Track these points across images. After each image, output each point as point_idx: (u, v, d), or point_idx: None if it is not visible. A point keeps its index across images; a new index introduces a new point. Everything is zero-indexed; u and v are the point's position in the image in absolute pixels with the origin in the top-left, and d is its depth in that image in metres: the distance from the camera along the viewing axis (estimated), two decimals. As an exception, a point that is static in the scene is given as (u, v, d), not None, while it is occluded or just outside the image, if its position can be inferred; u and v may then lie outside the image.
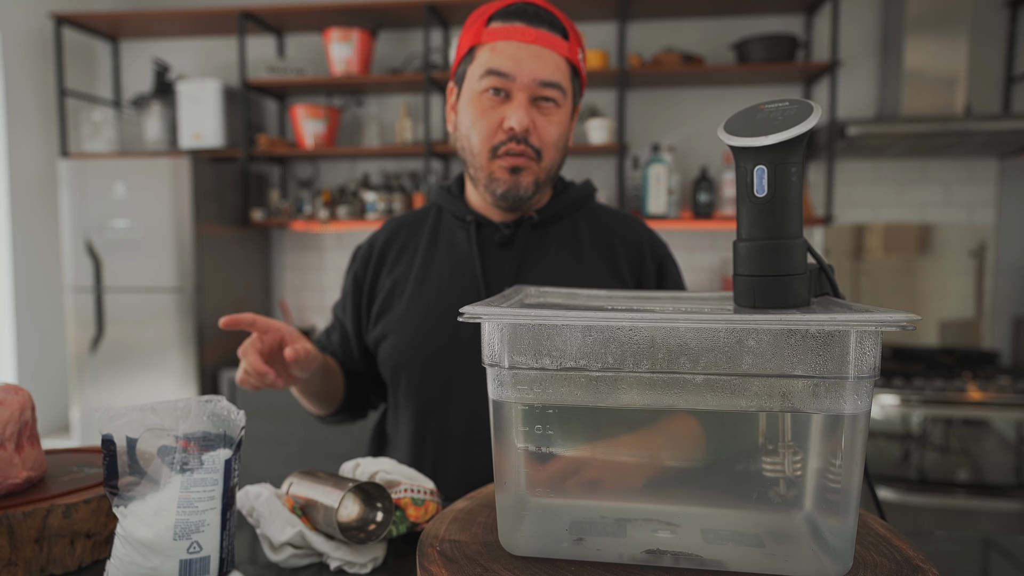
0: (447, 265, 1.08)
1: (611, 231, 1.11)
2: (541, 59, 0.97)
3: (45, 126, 3.25)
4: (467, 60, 1.01)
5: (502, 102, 0.98)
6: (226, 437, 0.67)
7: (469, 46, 1.00)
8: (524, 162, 1.00)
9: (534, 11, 0.98)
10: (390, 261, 1.13)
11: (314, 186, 3.44)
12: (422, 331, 1.05)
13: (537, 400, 0.55)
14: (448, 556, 0.58)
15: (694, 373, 0.53)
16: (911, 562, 0.56)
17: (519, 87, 0.97)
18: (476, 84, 0.99)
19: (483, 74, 0.98)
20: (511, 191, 1.02)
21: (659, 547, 0.57)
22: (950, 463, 2.60)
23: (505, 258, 1.07)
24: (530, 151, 1.00)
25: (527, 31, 0.97)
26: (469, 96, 1.01)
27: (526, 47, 0.96)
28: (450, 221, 1.12)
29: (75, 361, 3.01)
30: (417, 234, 1.14)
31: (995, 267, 3.01)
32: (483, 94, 0.99)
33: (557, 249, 1.07)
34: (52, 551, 0.70)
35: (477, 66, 0.99)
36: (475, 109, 1.00)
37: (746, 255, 0.60)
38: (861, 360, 0.50)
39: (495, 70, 0.97)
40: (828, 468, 0.54)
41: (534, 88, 0.97)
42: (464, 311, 0.54)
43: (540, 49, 0.97)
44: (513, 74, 0.96)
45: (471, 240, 1.07)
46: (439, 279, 1.08)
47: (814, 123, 0.58)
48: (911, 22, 2.76)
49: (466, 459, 1.04)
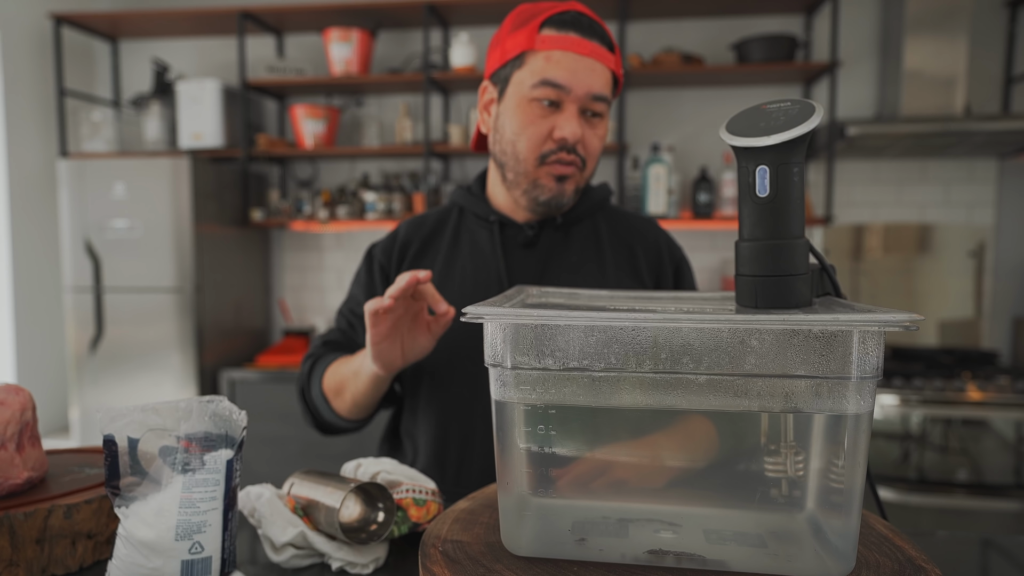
0: (470, 265, 1.08)
1: (630, 233, 1.13)
2: (594, 73, 0.98)
3: (44, 126, 3.24)
4: (515, 63, 1.00)
5: (552, 112, 0.99)
6: (228, 437, 0.67)
7: (520, 50, 0.99)
8: (572, 171, 1.02)
9: (588, 23, 0.99)
10: (411, 258, 1.12)
11: (314, 186, 3.44)
12: (448, 332, 1.03)
13: (540, 400, 0.55)
14: (451, 556, 0.58)
15: (697, 373, 0.53)
16: (913, 562, 0.56)
17: (572, 99, 0.98)
18: (527, 91, 0.99)
19: (538, 83, 0.97)
20: (555, 199, 1.04)
21: (661, 547, 0.57)
22: (949, 463, 2.60)
23: (529, 259, 1.08)
24: (578, 161, 1.02)
25: (583, 43, 0.97)
26: (517, 101, 1.00)
27: (581, 60, 0.97)
28: (472, 221, 1.13)
29: (74, 361, 3.00)
30: (439, 234, 1.14)
31: (994, 267, 3.02)
32: (534, 102, 0.99)
33: (580, 251, 1.09)
34: (53, 552, 0.70)
35: (529, 73, 0.98)
36: (524, 116, 0.99)
37: (748, 255, 0.60)
38: (864, 360, 0.50)
39: (552, 81, 0.97)
40: (831, 468, 0.54)
41: (586, 101, 0.99)
42: (467, 311, 0.54)
43: (593, 63, 0.98)
44: (569, 86, 0.97)
45: (495, 240, 1.08)
46: (461, 278, 1.08)
47: (816, 123, 0.58)
48: (910, 22, 2.76)
49: (488, 460, 1.03)
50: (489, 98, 1.06)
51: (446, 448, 1.06)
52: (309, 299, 3.50)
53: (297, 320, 3.49)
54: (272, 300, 3.53)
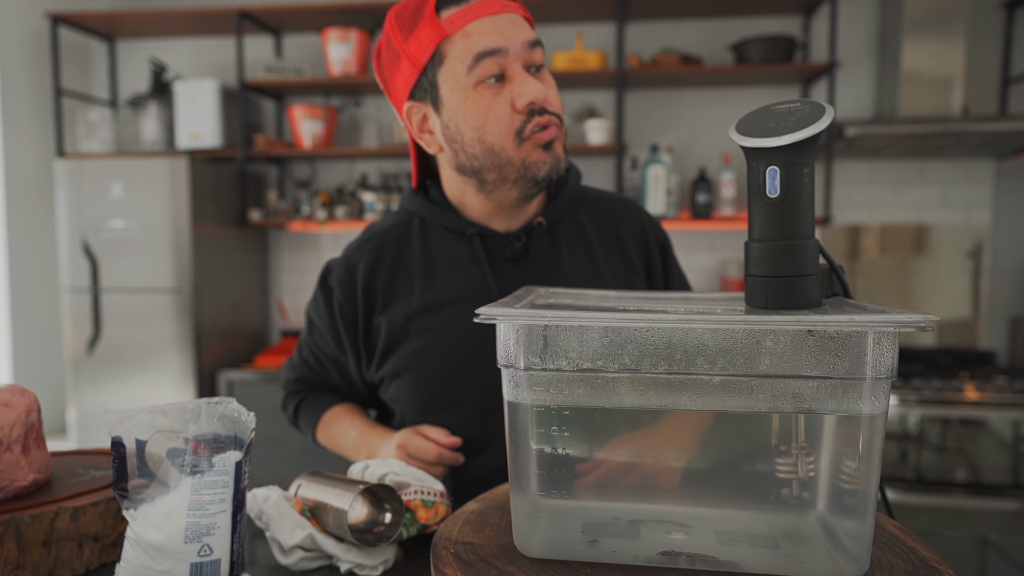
0: (454, 288, 0.98)
1: (614, 220, 1.06)
2: (516, 24, 0.88)
3: (41, 126, 3.23)
4: (434, 63, 0.89)
5: (501, 86, 0.89)
6: (236, 439, 0.67)
7: (432, 46, 0.87)
8: (554, 132, 0.91)
9: None
10: (381, 292, 1.00)
11: (312, 186, 3.43)
12: (445, 366, 0.97)
13: (553, 402, 0.55)
14: (463, 558, 0.57)
15: (711, 374, 0.52)
16: (927, 563, 0.56)
17: (512, 59, 0.88)
18: (465, 79, 0.87)
19: (472, 64, 0.86)
20: (553, 167, 0.93)
21: (674, 548, 0.57)
22: (947, 463, 2.61)
23: (521, 273, 0.98)
24: (554, 119, 0.91)
25: (488, 3, 0.87)
26: (462, 96, 0.89)
27: (498, 18, 0.87)
28: (441, 234, 1.01)
29: (72, 362, 2.99)
30: (406, 255, 1.01)
31: (992, 267, 3.03)
32: (480, 86, 0.88)
33: (571, 255, 1.01)
34: (60, 554, 0.69)
35: (457, 60, 0.87)
36: (476, 106, 0.88)
37: (758, 256, 0.59)
38: (879, 361, 0.50)
39: (485, 51, 0.86)
40: (845, 470, 0.54)
41: (525, 54, 0.89)
42: (480, 312, 0.54)
43: (510, 16, 0.88)
44: (503, 47, 0.86)
45: (480, 257, 0.98)
46: (450, 306, 0.97)
47: (827, 123, 0.58)
48: (909, 23, 2.77)
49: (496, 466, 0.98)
50: (421, 116, 0.94)
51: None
52: (307, 300, 3.49)
53: (295, 321, 3.49)
54: (270, 301, 3.53)
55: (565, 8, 2.98)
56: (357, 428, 1.04)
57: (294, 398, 1.15)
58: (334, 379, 1.10)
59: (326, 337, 1.06)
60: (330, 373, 1.10)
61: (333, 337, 1.05)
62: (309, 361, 1.11)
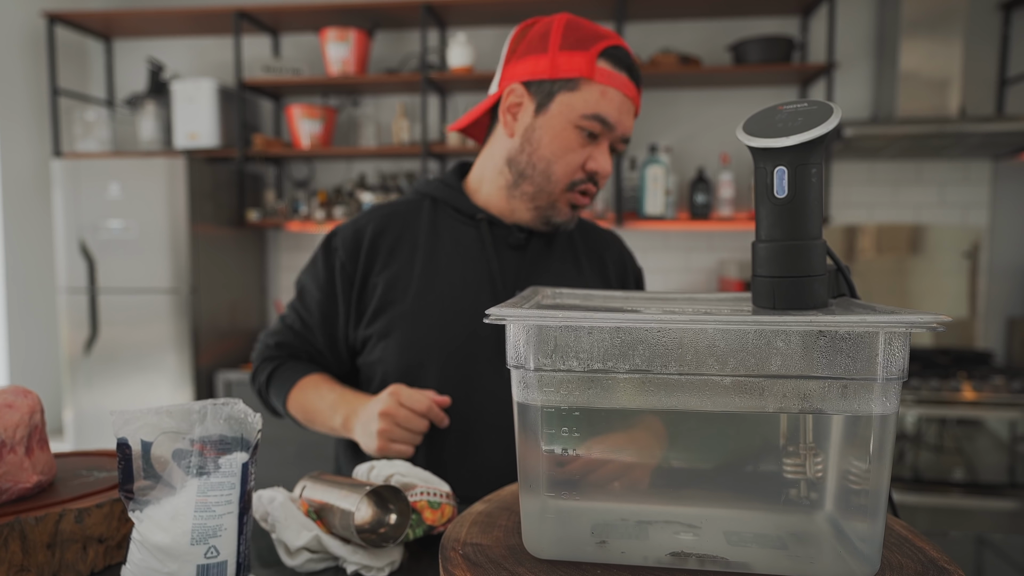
0: (456, 262, 1.07)
1: (600, 245, 1.19)
2: (631, 116, 1.04)
3: (37, 126, 3.22)
4: (566, 84, 1.00)
5: (589, 142, 1.02)
6: (243, 440, 0.66)
7: (577, 74, 0.99)
8: (588, 202, 1.07)
9: (634, 65, 1.03)
10: (384, 254, 1.08)
11: (310, 186, 3.42)
12: (437, 329, 1.03)
13: (563, 402, 0.55)
14: (472, 560, 0.57)
15: (722, 375, 0.52)
16: (936, 563, 0.56)
17: (610, 136, 1.02)
18: (576, 118, 1.00)
19: (591, 115, 0.99)
20: (566, 223, 1.08)
21: (683, 549, 0.57)
22: (945, 463, 2.62)
23: (518, 261, 1.09)
24: (595, 192, 1.06)
25: (630, 86, 1.02)
26: (561, 124, 1.00)
27: (627, 102, 1.02)
28: (450, 216, 1.11)
29: (68, 363, 2.98)
30: (412, 227, 1.10)
31: (989, 268, 3.04)
32: (579, 130, 1.00)
33: (561, 259, 1.12)
34: (64, 556, 0.69)
35: (583, 102, 0.99)
36: (566, 141, 1.01)
37: (766, 256, 0.59)
38: (890, 362, 0.50)
39: (603, 118, 0.99)
40: (855, 470, 0.54)
41: (618, 138, 1.04)
42: (490, 312, 0.53)
43: (632, 106, 1.03)
44: (615, 125, 1.01)
45: (485, 239, 1.07)
46: (449, 276, 1.06)
47: (835, 123, 0.58)
48: (906, 24, 2.77)
49: (484, 458, 1.02)
50: (518, 102, 1.03)
51: (440, 450, 1.04)
52: (305, 300, 3.48)
53: (293, 321, 3.47)
54: (268, 301, 3.52)
55: (564, 8, 2.98)
56: (336, 392, 1.06)
57: (269, 364, 1.14)
58: (318, 343, 1.12)
59: (319, 298, 1.10)
60: (315, 337, 1.12)
61: (328, 296, 1.09)
62: (295, 326, 1.13)
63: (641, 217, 2.95)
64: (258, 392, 1.16)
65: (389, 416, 0.92)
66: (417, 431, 0.93)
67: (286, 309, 1.16)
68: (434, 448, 1.04)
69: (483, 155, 1.12)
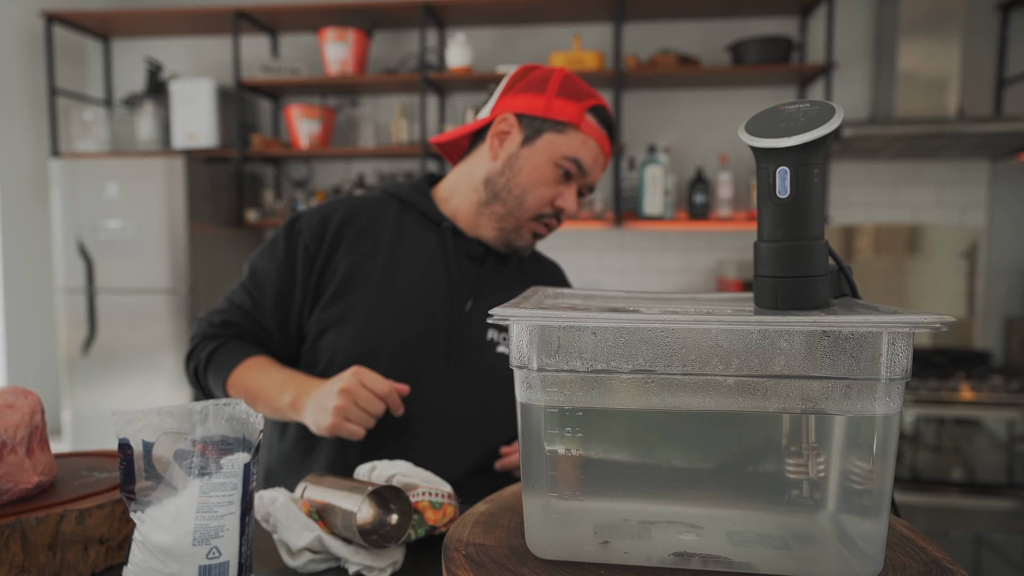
0: (418, 262, 1.13)
1: (544, 270, 1.29)
2: (601, 167, 1.15)
3: (35, 125, 3.21)
4: (556, 125, 1.10)
5: (562, 180, 1.12)
6: (244, 441, 0.66)
7: (567, 119, 1.09)
8: (547, 234, 1.17)
9: (614, 127, 1.16)
10: (349, 240, 1.12)
11: (308, 187, 3.42)
12: (392, 322, 1.08)
13: (567, 403, 0.55)
14: (475, 560, 0.57)
15: (726, 375, 0.52)
16: (939, 563, 0.56)
17: (581, 180, 1.13)
18: (557, 157, 1.10)
19: (569, 157, 1.10)
20: (523, 249, 1.18)
21: (686, 550, 0.57)
22: (943, 462, 2.62)
23: (474, 271, 1.16)
24: (556, 226, 1.17)
25: (607, 143, 1.14)
26: (543, 159, 1.10)
27: (601, 155, 1.14)
28: (417, 219, 1.17)
29: (66, 363, 2.97)
30: (379, 221, 1.15)
31: (987, 268, 3.04)
32: (557, 167, 1.10)
33: (511, 277, 1.21)
34: (65, 557, 0.69)
35: (566, 144, 1.09)
36: (544, 174, 1.11)
37: (768, 256, 0.59)
38: (893, 362, 0.50)
39: (580, 163, 1.10)
40: (859, 470, 0.54)
41: (587, 183, 1.15)
42: (493, 312, 0.53)
43: (605, 160, 1.16)
44: (588, 171, 1.12)
45: (447, 246, 1.14)
46: (409, 274, 1.12)
47: (838, 124, 0.58)
48: (905, 24, 2.78)
49: (423, 452, 1.05)
50: (507, 130, 1.12)
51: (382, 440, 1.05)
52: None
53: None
54: (266, 301, 3.51)
55: (563, 8, 2.98)
56: (286, 372, 1.07)
57: (212, 341, 1.12)
58: (269, 324, 1.12)
59: (276, 279, 1.12)
60: (266, 317, 1.12)
61: (287, 277, 1.11)
62: (244, 306, 1.13)
63: (640, 217, 2.95)
64: (194, 370, 1.13)
65: (349, 393, 0.93)
66: (373, 413, 0.94)
67: (233, 289, 1.15)
68: (374, 441, 1.05)
69: (459, 170, 1.19)
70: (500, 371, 1.11)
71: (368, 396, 0.93)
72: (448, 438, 1.08)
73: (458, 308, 1.11)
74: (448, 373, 1.09)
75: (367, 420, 0.94)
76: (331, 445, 1.08)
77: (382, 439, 1.06)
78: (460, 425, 1.09)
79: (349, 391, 0.93)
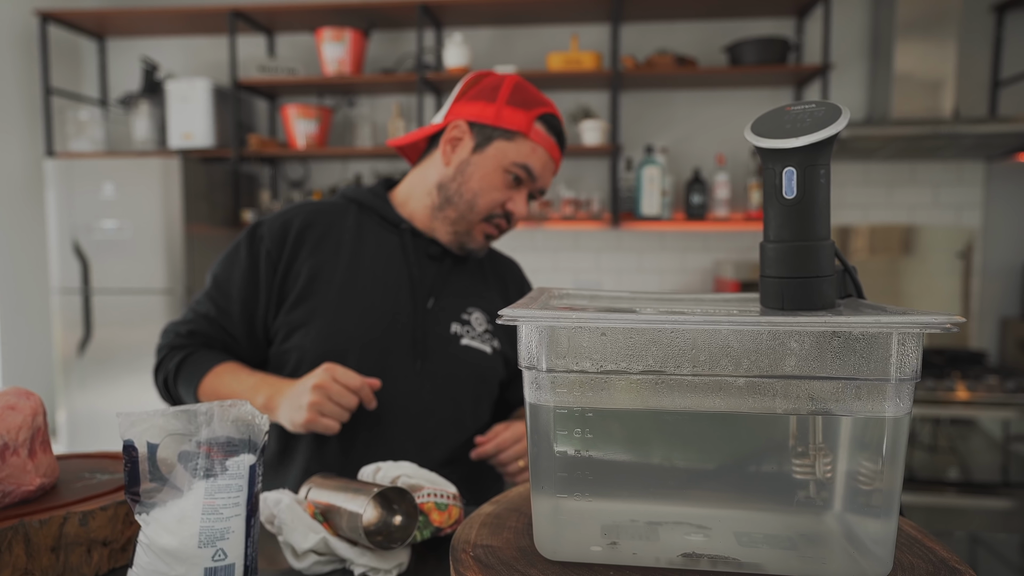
0: (379, 262, 1.16)
1: (503, 268, 1.33)
2: (551, 173, 1.20)
3: (30, 125, 3.19)
4: (505, 134, 1.13)
5: (513, 186, 1.15)
6: (250, 442, 0.66)
7: (516, 128, 1.13)
8: (498, 236, 1.21)
9: (563, 134, 1.20)
10: (310, 244, 1.15)
11: (305, 187, 3.41)
12: (357, 321, 1.10)
13: (576, 404, 0.55)
14: (483, 561, 0.57)
15: (736, 376, 0.52)
16: (947, 563, 0.56)
17: (531, 186, 1.17)
18: (507, 163, 1.13)
19: (518, 164, 1.13)
20: (477, 250, 1.21)
21: (694, 551, 0.57)
22: (938, 462, 2.63)
23: (435, 269, 1.19)
24: (507, 228, 1.20)
25: (556, 150, 1.18)
26: (494, 165, 1.14)
27: (551, 162, 1.17)
28: (376, 222, 1.20)
29: (62, 364, 2.96)
30: (339, 226, 1.18)
31: (982, 268, 3.06)
32: (507, 173, 1.14)
33: (471, 274, 1.25)
34: (69, 560, 0.68)
35: (515, 151, 1.13)
36: (494, 180, 1.14)
37: (775, 257, 0.59)
38: (903, 362, 0.50)
39: (529, 169, 1.14)
40: (868, 471, 0.54)
41: (537, 188, 1.18)
42: (502, 313, 0.53)
43: (555, 166, 1.20)
44: (537, 177, 1.16)
45: (407, 246, 1.17)
46: (372, 273, 1.14)
47: (844, 124, 0.58)
48: (901, 25, 2.79)
49: (397, 445, 1.08)
50: (459, 137, 1.15)
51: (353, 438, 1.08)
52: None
53: (288, 322, 3.46)
54: (263, 301, 3.50)
55: (560, 9, 2.98)
56: (257, 376, 1.09)
57: (179, 352, 1.14)
58: (235, 330, 1.14)
59: (240, 285, 1.13)
60: (233, 324, 1.14)
61: (250, 283, 1.13)
62: (210, 314, 1.15)
63: (637, 217, 2.96)
64: (164, 381, 1.15)
65: (322, 389, 0.95)
66: (347, 407, 0.97)
67: (197, 299, 1.17)
68: (351, 433, 1.08)
69: (414, 174, 1.22)
70: (466, 363, 1.15)
71: (341, 390, 0.96)
72: (420, 428, 1.11)
73: (421, 305, 1.15)
74: (415, 367, 1.12)
75: (341, 414, 0.97)
76: (308, 443, 1.10)
77: (356, 432, 1.08)
78: (431, 416, 1.12)
79: (322, 387, 0.95)
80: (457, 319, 1.17)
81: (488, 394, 1.19)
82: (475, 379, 1.16)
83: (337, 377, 0.97)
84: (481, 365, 1.16)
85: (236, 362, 1.13)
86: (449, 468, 1.11)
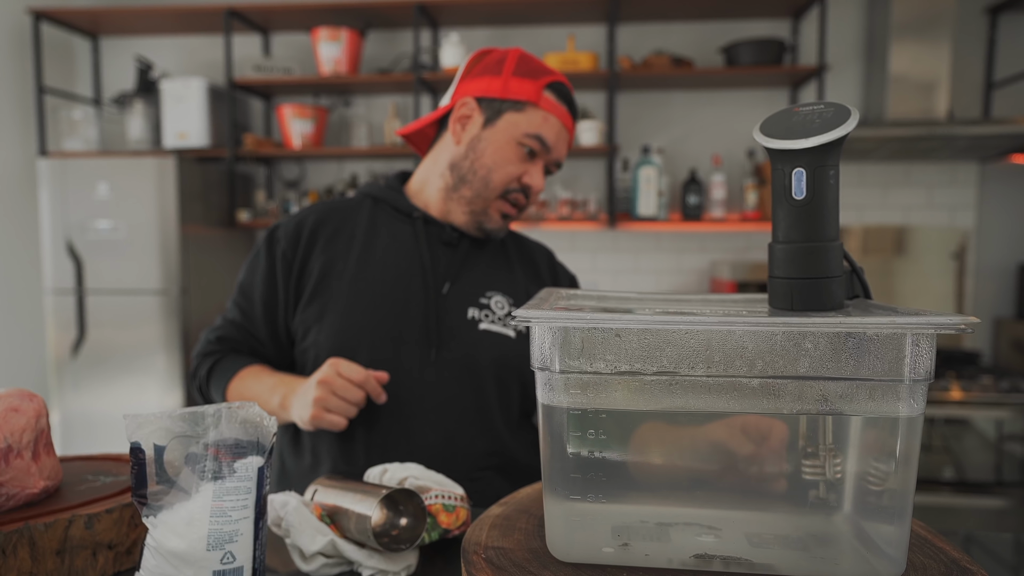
0: (391, 253, 1.14)
1: (532, 251, 1.28)
2: (565, 143, 1.16)
3: (23, 124, 3.17)
4: (514, 105, 1.10)
5: (527, 159, 1.12)
6: (258, 444, 0.65)
7: (525, 98, 1.10)
8: (516, 213, 1.17)
9: (574, 102, 1.17)
10: (323, 242, 1.15)
11: (301, 187, 3.40)
12: (369, 313, 1.09)
13: (590, 405, 0.55)
14: (495, 563, 0.57)
15: (750, 377, 0.52)
16: (958, 564, 0.56)
17: (546, 157, 1.14)
18: (519, 136, 1.10)
19: (531, 135, 1.10)
20: (496, 231, 1.17)
21: (706, 552, 0.57)
22: (933, 462, 2.65)
23: (449, 256, 1.17)
24: (525, 204, 1.17)
25: (568, 118, 1.14)
26: (505, 139, 1.11)
27: (564, 131, 1.14)
28: (389, 214, 1.19)
29: (55, 365, 2.93)
30: (351, 221, 1.18)
31: (976, 269, 3.07)
32: (520, 146, 1.11)
33: (491, 259, 1.21)
34: (74, 563, 0.68)
35: (527, 122, 1.10)
36: (507, 154, 1.11)
37: (784, 257, 0.60)
38: (917, 363, 0.50)
39: (543, 139, 1.11)
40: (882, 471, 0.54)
41: (553, 160, 1.15)
42: (516, 314, 0.53)
43: (568, 135, 1.16)
44: (551, 147, 1.13)
45: (419, 234, 1.15)
46: (383, 265, 1.13)
47: (854, 125, 0.58)
48: (896, 27, 2.80)
49: (421, 438, 1.07)
50: (468, 114, 1.13)
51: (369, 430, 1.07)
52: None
53: (283, 322, 3.45)
54: (258, 302, 3.48)
55: (557, 9, 2.98)
56: (276, 376, 1.10)
57: (210, 358, 1.17)
58: (260, 333, 1.16)
59: (262, 289, 1.15)
60: (257, 328, 1.16)
61: (270, 286, 1.15)
62: (236, 320, 1.17)
63: (634, 218, 2.96)
64: (199, 387, 1.18)
65: (326, 384, 0.95)
66: (353, 401, 0.96)
67: (227, 308, 1.20)
68: (373, 430, 1.07)
69: (427, 161, 1.21)
70: (485, 348, 1.11)
71: (344, 385, 0.95)
72: (443, 419, 1.08)
73: (434, 292, 1.12)
74: (431, 356, 1.09)
75: (347, 409, 0.96)
76: (330, 442, 1.09)
77: (375, 427, 1.07)
78: (452, 406, 1.09)
79: (326, 382, 0.95)
80: (475, 303, 1.13)
81: (516, 380, 1.14)
82: (497, 365, 1.11)
83: (341, 371, 0.96)
84: (503, 349, 1.12)
85: (260, 365, 1.14)
86: (479, 460, 1.09)
